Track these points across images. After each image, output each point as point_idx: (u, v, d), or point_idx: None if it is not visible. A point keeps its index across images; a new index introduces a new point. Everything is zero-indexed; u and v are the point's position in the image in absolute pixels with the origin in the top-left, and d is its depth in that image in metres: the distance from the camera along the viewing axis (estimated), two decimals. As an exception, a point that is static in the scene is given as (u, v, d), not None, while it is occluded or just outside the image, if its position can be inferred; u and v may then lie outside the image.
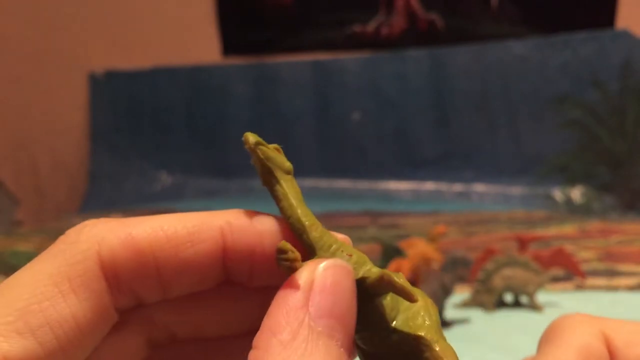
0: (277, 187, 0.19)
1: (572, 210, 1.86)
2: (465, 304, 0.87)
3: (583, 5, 2.01)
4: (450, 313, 0.84)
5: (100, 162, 2.23)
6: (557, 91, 2.01)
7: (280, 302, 0.17)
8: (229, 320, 0.20)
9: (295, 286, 0.17)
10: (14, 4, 2.18)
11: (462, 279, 0.85)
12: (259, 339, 0.16)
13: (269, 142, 0.19)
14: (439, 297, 0.77)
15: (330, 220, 1.70)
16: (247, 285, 0.20)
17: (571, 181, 1.94)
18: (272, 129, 2.15)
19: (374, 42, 2.11)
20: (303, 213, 0.19)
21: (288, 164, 0.19)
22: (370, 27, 2.10)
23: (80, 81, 2.22)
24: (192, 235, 0.18)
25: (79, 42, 2.18)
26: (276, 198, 0.19)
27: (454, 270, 0.83)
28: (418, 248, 1.02)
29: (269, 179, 0.19)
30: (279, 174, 0.19)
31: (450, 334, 0.41)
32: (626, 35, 1.98)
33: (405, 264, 0.98)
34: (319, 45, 2.13)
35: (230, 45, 2.18)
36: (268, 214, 0.19)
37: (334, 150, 2.18)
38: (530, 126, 2.02)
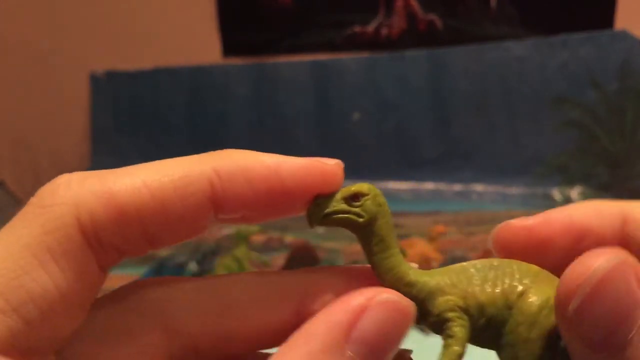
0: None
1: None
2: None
3: (582, 6, 2.02)
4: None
5: (100, 162, 2.24)
6: (555, 92, 2.01)
7: (324, 316, 0.16)
8: (258, 334, 0.19)
9: (346, 307, 0.16)
10: (15, 5, 2.18)
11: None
12: (290, 342, 0.16)
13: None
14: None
15: (330, 220, 1.70)
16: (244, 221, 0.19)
17: (570, 181, 1.95)
18: (272, 129, 2.15)
19: (374, 43, 2.12)
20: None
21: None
22: (370, 27, 2.11)
23: (81, 81, 2.22)
24: (179, 190, 0.17)
25: (79, 43, 2.19)
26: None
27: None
28: (418, 248, 1.03)
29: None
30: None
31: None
32: (625, 35, 1.98)
33: (405, 264, 0.98)
34: (319, 45, 2.14)
35: (230, 46, 2.18)
36: (256, 155, 0.18)
37: (334, 150, 2.18)
38: (529, 126, 2.03)
